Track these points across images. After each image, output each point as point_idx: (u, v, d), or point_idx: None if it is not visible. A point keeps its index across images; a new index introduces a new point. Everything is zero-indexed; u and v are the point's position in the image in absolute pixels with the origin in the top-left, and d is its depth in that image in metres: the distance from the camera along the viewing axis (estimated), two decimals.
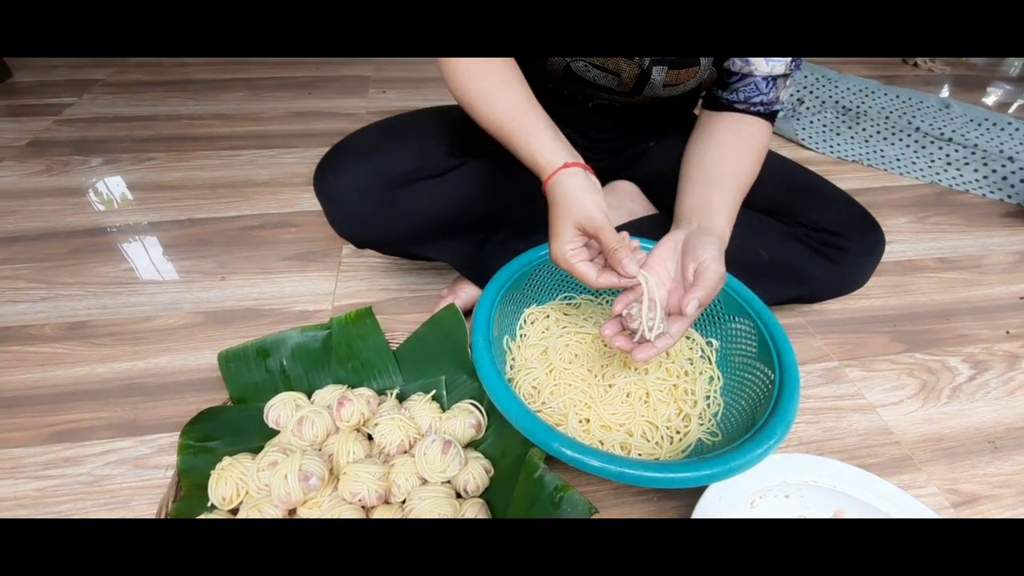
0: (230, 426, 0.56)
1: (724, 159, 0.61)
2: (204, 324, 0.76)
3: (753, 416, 0.57)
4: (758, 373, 0.60)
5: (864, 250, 0.69)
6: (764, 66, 0.60)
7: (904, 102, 1.52)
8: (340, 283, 0.84)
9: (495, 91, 0.55)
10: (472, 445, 0.57)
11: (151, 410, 0.65)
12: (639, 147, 0.81)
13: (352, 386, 0.60)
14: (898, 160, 1.27)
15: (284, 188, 1.06)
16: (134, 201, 1.01)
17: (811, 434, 0.65)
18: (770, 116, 0.64)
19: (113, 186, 1.05)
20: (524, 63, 0.64)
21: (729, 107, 0.64)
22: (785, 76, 0.61)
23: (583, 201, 0.49)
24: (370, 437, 0.55)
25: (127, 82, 1.49)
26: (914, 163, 1.26)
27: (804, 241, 0.68)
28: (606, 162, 0.81)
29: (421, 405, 0.57)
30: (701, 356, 0.68)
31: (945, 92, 1.70)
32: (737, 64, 0.61)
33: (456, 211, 0.64)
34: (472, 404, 0.58)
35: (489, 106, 0.55)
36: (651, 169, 0.81)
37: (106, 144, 1.19)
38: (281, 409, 0.55)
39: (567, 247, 0.50)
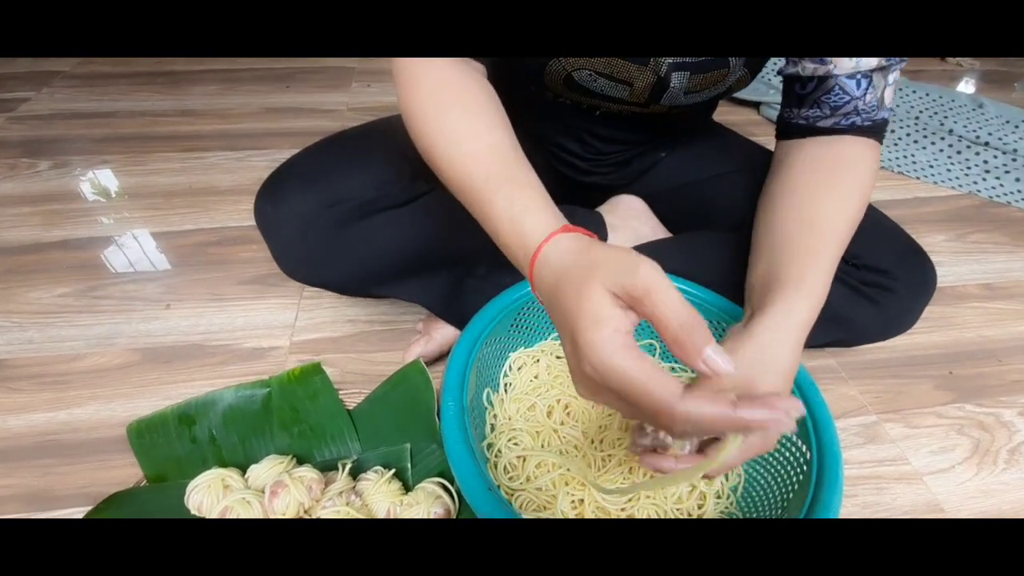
0: (146, 512, 0.46)
1: (800, 204, 0.44)
2: (140, 364, 0.66)
3: (783, 500, 0.47)
4: (787, 444, 0.50)
5: (913, 291, 0.58)
6: (847, 61, 0.43)
7: (934, 100, 1.40)
8: (302, 312, 0.74)
9: (468, 128, 0.39)
10: None
11: (66, 477, 0.55)
12: (650, 158, 0.70)
13: (298, 457, 0.50)
14: (931, 167, 1.15)
15: (247, 196, 0.95)
16: (79, 213, 0.91)
17: (848, 512, 0.55)
18: (874, 131, 0.47)
19: (59, 195, 0.95)
20: (516, 73, 0.53)
21: (811, 130, 0.48)
22: (883, 69, 0.44)
23: (612, 250, 0.30)
24: None
25: (92, 74, 1.37)
26: (949, 170, 1.14)
27: (843, 280, 0.57)
28: (610, 176, 0.70)
29: (377, 487, 0.46)
30: None
31: (971, 88, 1.58)
32: (808, 66, 0.45)
33: (426, 246, 0.53)
34: (440, 485, 0.48)
35: (454, 147, 0.38)
36: (664, 183, 0.70)
37: (58, 145, 1.08)
38: (204, 493, 0.45)
39: (615, 333, 0.27)
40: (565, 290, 0.30)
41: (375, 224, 0.50)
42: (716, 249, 0.63)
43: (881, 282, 0.56)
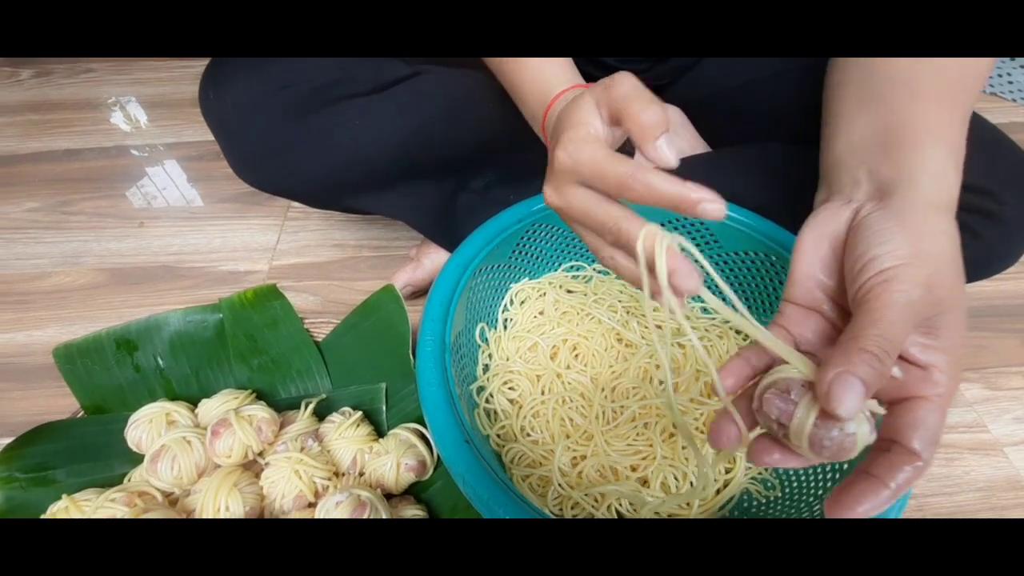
0: (82, 446, 0.40)
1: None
2: (107, 285, 0.60)
3: (832, 470, 0.38)
4: None
5: (1022, 220, 0.45)
6: None
7: None
8: (284, 234, 0.66)
9: None
10: (413, 491, 0.40)
11: (18, 402, 0.50)
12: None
13: (260, 393, 0.43)
14: None
15: None
16: (57, 124, 0.83)
17: None
18: None
19: (38, 105, 0.87)
20: None
21: None
22: None
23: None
24: None
25: None
26: None
27: None
28: (644, 73, 0.58)
29: (342, 431, 0.39)
30: None
31: None
32: None
33: (408, 147, 0.43)
34: (416, 432, 0.40)
35: None
36: (707, 87, 0.58)
37: None
38: (145, 429, 0.39)
39: (596, 134, 0.26)
40: (578, 100, 0.28)
41: (340, 113, 0.40)
42: (766, 164, 0.51)
43: (984, 206, 0.44)
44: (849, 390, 0.19)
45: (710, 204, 0.22)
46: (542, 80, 0.36)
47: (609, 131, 0.27)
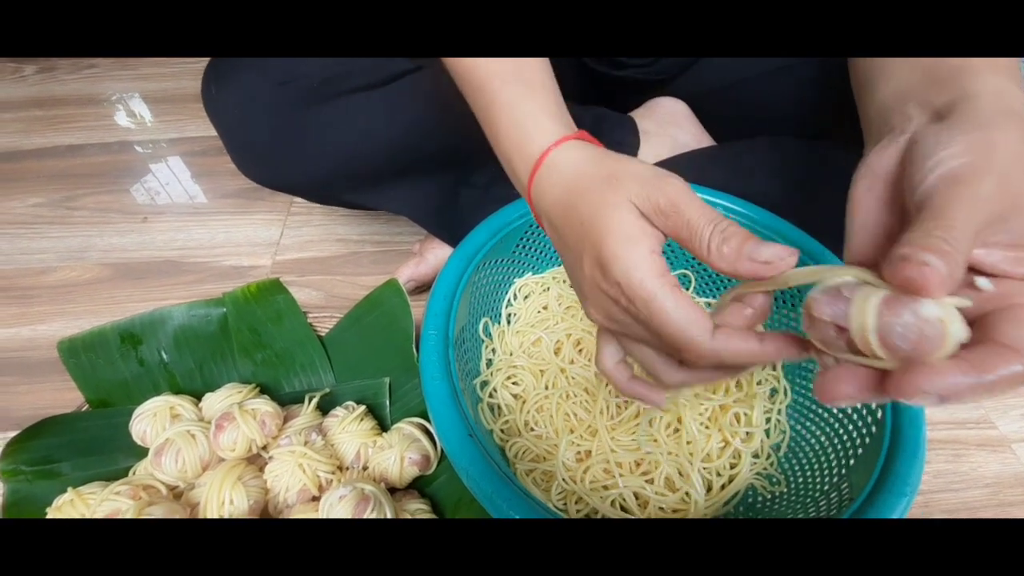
0: (86, 440, 0.40)
1: None
2: (111, 280, 0.60)
3: (840, 466, 0.38)
4: None
5: None
6: None
7: None
8: (288, 229, 0.66)
9: None
10: (417, 485, 0.40)
11: (23, 396, 0.50)
12: None
13: (264, 387, 0.43)
14: None
15: None
16: (61, 119, 0.83)
17: None
18: None
19: (41, 101, 0.87)
20: None
21: None
22: None
23: (635, 164, 0.26)
24: None
25: None
26: None
27: None
28: (647, 68, 0.57)
29: (346, 425, 0.39)
30: None
31: None
32: None
33: (409, 142, 0.43)
34: (420, 426, 0.40)
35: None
36: (711, 81, 0.57)
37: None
38: (149, 422, 0.39)
39: (652, 255, 0.23)
40: (584, 200, 0.26)
41: (341, 108, 0.40)
42: (771, 159, 0.51)
43: None
44: (926, 264, 0.16)
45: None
46: (521, 126, 0.29)
47: (656, 239, 0.24)
